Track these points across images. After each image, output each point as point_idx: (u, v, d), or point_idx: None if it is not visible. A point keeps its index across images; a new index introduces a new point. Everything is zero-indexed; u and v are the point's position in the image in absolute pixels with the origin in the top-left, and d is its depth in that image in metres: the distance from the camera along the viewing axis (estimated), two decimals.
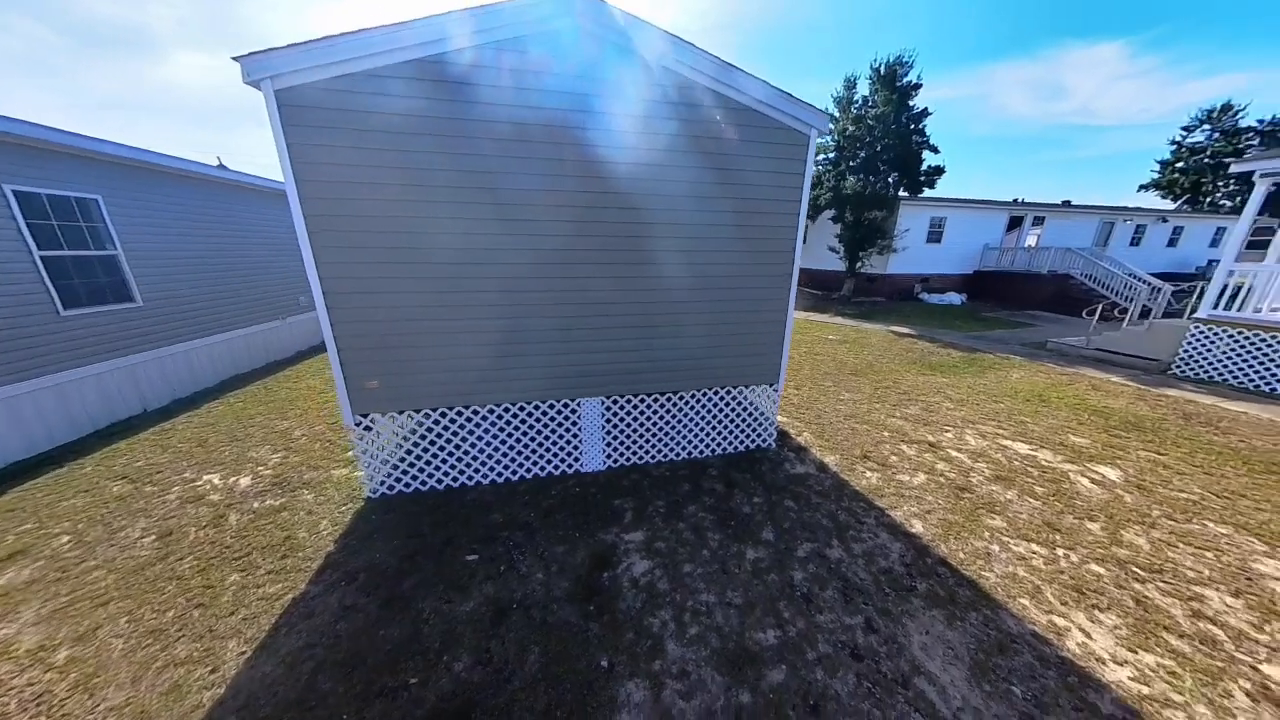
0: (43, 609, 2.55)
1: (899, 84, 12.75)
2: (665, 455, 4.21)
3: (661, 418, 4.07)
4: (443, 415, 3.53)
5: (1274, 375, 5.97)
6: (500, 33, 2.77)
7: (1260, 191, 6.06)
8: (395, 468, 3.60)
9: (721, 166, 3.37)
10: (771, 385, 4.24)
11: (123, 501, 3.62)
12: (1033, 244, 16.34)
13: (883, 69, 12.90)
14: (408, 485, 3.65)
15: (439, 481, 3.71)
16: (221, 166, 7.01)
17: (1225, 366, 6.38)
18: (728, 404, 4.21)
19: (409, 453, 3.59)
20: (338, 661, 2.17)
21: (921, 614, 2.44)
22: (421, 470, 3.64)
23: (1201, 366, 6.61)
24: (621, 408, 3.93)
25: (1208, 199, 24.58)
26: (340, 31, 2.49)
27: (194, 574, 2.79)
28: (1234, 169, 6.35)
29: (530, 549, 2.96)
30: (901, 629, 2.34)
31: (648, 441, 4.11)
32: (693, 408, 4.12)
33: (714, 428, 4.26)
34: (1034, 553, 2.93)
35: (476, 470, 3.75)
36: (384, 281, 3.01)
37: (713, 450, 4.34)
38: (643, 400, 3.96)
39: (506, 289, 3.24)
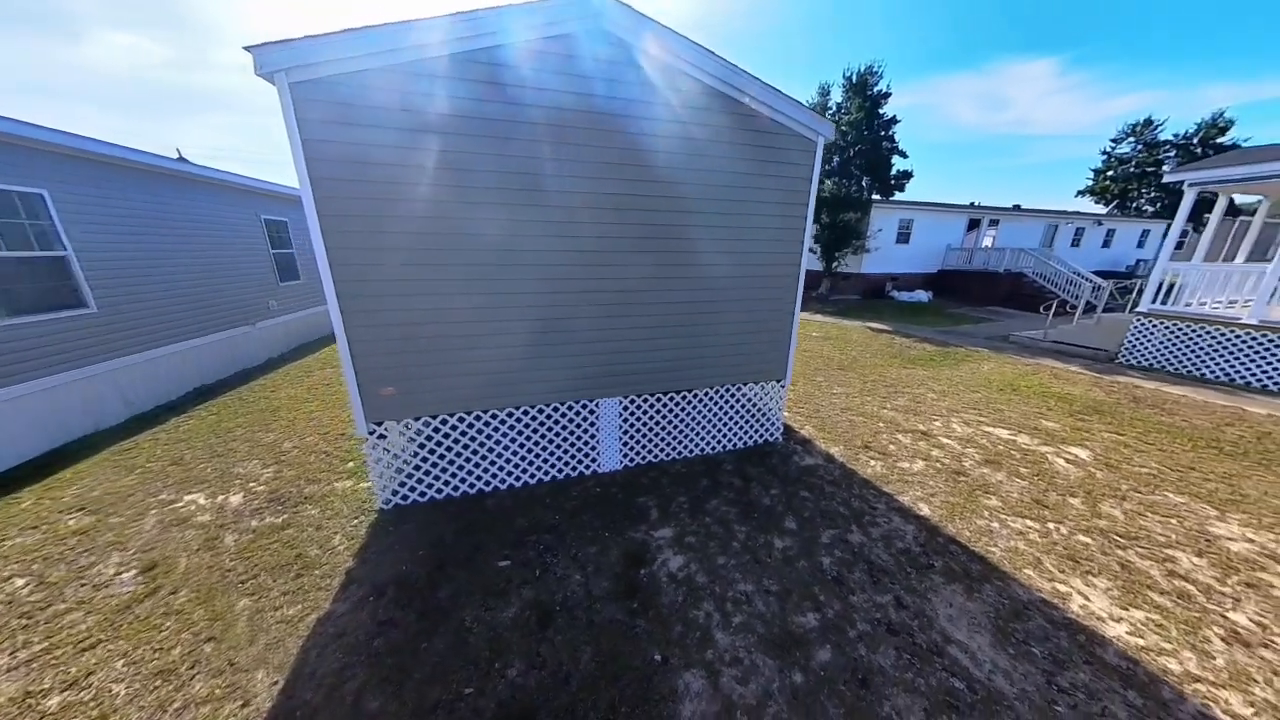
0: (17, 654, 2.24)
1: (870, 92, 13.43)
2: (680, 453, 4.27)
3: (677, 416, 4.13)
4: (460, 420, 3.44)
5: (1203, 362, 6.75)
6: (516, 35, 2.73)
7: (1189, 199, 6.84)
8: (409, 477, 3.47)
9: (738, 170, 3.46)
10: (779, 381, 4.39)
11: (86, 535, 3.16)
12: (989, 244, 17.61)
13: (854, 78, 13.55)
14: (422, 494, 3.53)
15: (455, 489, 3.61)
16: (182, 159, 6.48)
17: (1163, 355, 7.15)
18: (739, 401, 4.33)
19: (424, 460, 3.48)
20: (382, 679, 2.09)
21: (943, 589, 2.62)
22: (437, 478, 3.53)
23: (1143, 355, 7.38)
24: (639, 407, 3.96)
25: (1134, 204, 27.29)
26: (363, 25, 2.39)
27: (195, 606, 2.55)
28: (1167, 179, 7.12)
29: (562, 551, 2.95)
30: (928, 603, 2.51)
31: (663, 439, 4.16)
32: (707, 405, 4.21)
33: (727, 424, 4.36)
34: (1029, 527, 3.20)
35: (494, 475, 3.67)
36: (401, 284, 2.91)
37: (725, 446, 4.44)
38: (659, 399, 4.00)
39: (531, 290, 3.20)
